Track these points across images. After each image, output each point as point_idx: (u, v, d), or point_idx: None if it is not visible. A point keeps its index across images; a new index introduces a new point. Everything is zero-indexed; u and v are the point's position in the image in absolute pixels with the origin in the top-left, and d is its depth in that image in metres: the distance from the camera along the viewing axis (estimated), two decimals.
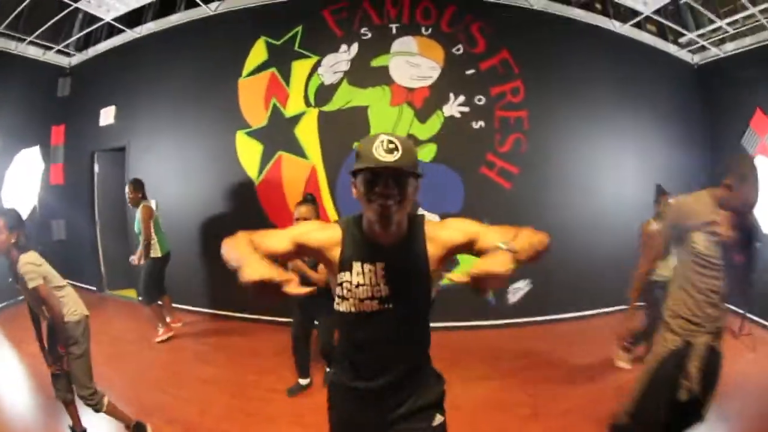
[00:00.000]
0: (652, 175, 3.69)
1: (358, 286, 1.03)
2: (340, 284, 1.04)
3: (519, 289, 3.51)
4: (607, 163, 3.81)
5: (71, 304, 1.93)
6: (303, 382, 2.61)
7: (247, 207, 3.53)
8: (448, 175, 3.39)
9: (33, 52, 4.46)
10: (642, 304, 2.58)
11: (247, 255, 0.89)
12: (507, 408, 2.32)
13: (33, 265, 1.80)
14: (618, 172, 3.84)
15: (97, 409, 1.96)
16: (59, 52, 4.62)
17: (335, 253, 1.04)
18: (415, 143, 3.45)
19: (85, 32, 4.45)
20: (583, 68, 3.76)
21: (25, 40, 4.23)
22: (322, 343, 2.52)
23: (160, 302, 3.38)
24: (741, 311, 3.26)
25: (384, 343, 1.07)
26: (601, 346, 3.10)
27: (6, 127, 4.26)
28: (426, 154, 3.38)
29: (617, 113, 3.85)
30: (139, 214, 3.18)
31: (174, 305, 3.61)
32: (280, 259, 0.95)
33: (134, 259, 3.26)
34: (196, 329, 3.52)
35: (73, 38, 4.61)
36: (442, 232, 1.05)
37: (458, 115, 3.45)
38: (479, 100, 3.46)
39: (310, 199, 2.59)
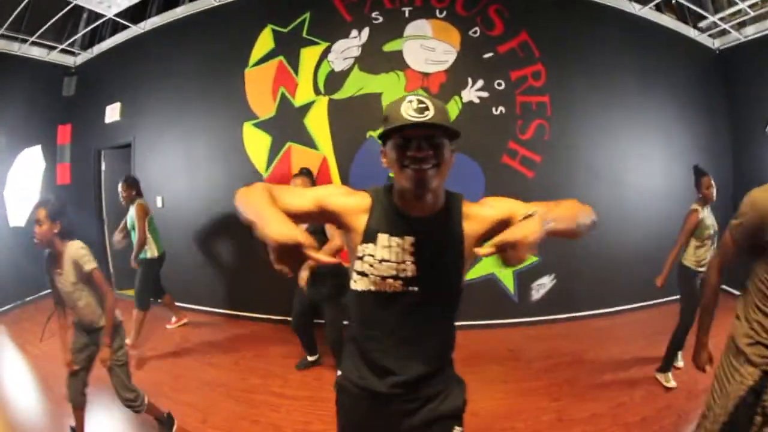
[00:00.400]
0: (679, 164, 3.56)
1: (381, 261, 0.90)
2: (361, 258, 0.92)
3: (542, 285, 3.34)
4: (631, 151, 3.63)
5: (87, 308, 1.88)
6: (311, 358, 2.63)
7: None
8: (468, 165, 3.22)
9: (37, 52, 4.44)
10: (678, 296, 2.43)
11: (269, 209, 0.79)
12: (529, 413, 2.16)
13: (85, 250, 1.77)
14: (644, 162, 3.67)
15: (139, 411, 1.92)
16: (64, 51, 4.60)
17: (360, 221, 0.93)
18: None
19: (89, 29, 4.43)
20: (603, 52, 3.58)
21: (27, 41, 4.23)
22: (331, 340, 2.42)
23: (160, 300, 3.31)
24: None
25: (403, 332, 0.93)
26: (629, 344, 2.94)
27: (12, 128, 4.25)
28: None
29: (641, 100, 3.67)
30: (133, 211, 3.04)
31: (178, 303, 3.53)
32: (296, 221, 0.80)
33: (131, 261, 3.10)
34: (201, 329, 3.43)
35: (77, 36, 4.60)
36: (480, 209, 0.96)
37: (477, 101, 3.28)
38: (499, 84, 3.29)
39: (306, 172, 2.58)
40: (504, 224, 0.88)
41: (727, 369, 1.18)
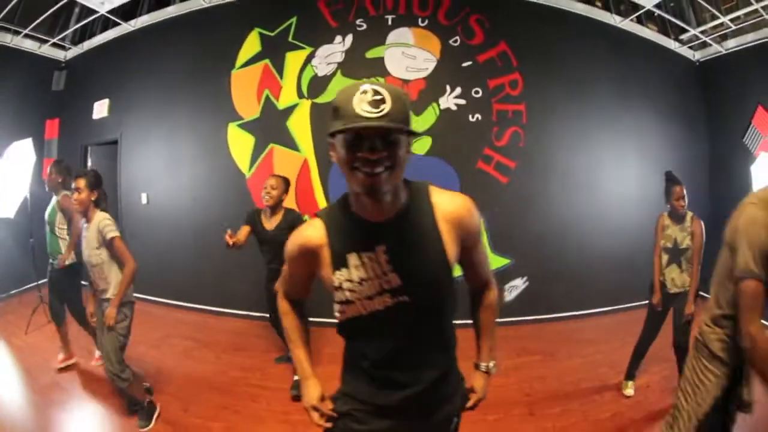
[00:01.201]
0: (654, 172, 3.77)
1: (361, 282, 0.85)
2: (340, 287, 0.86)
3: (515, 287, 3.56)
4: (607, 159, 3.84)
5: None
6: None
7: (238, 201, 3.58)
8: (444, 169, 3.43)
9: (29, 45, 4.58)
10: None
11: (301, 363, 1.06)
12: (502, 408, 2.34)
13: (110, 221, 2.05)
14: (619, 169, 3.87)
15: (121, 388, 2.11)
16: (55, 45, 4.76)
17: (324, 253, 0.88)
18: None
19: (81, 24, 4.60)
20: (583, 62, 3.80)
21: (20, 32, 4.41)
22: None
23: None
24: None
25: (406, 344, 0.89)
26: (599, 346, 3.15)
27: (1, 120, 4.39)
28: (421, 147, 3.43)
29: (618, 109, 3.88)
30: (57, 202, 2.75)
31: (162, 300, 3.71)
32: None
33: (60, 259, 2.72)
34: (184, 325, 3.61)
35: (69, 31, 4.77)
36: (462, 218, 0.89)
37: (454, 108, 3.50)
38: (476, 92, 3.51)
39: (279, 177, 2.65)
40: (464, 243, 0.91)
41: (700, 372, 1.28)
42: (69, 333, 2.81)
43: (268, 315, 2.78)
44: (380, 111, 0.73)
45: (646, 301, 2.42)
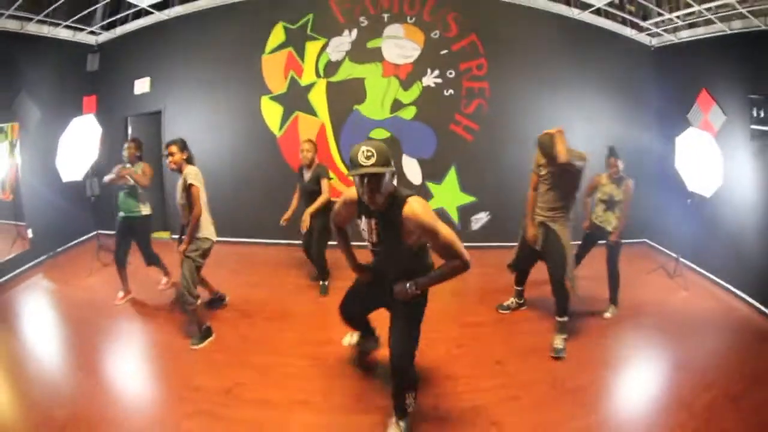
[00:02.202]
0: (599, 135, 4.83)
1: (362, 230, 1.96)
2: (359, 227, 1.98)
3: (479, 219, 5.00)
4: (554, 121, 5.06)
5: (207, 226, 3.00)
6: (325, 283, 3.92)
7: (271, 154, 4.94)
8: (425, 130, 4.87)
9: (64, 34, 5.43)
10: None
11: (350, 256, 2.22)
12: (462, 295, 3.80)
13: (196, 173, 2.90)
14: (568, 133, 5.25)
15: (185, 310, 2.97)
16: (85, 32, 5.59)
17: (354, 209, 1.95)
18: (400, 106, 4.89)
19: (120, 16, 5.69)
20: (540, 49, 4.97)
21: (59, 24, 5.20)
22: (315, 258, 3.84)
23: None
24: (672, 255, 4.52)
25: (382, 263, 2.07)
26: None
27: (43, 101, 5.24)
28: (408, 113, 4.85)
29: (569, 86, 5.01)
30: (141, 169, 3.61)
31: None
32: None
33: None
34: (228, 254, 4.86)
35: (106, 21, 5.82)
36: (414, 218, 1.76)
37: (433, 85, 4.88)
38: (450, 73, 4.89)
39: (312, 140, 3.82)
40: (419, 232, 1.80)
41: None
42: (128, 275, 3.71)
43: (303, 247, 3.93)
44: (370, 162, 1.65)
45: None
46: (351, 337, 2.72)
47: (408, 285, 1.92)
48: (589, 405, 2.46)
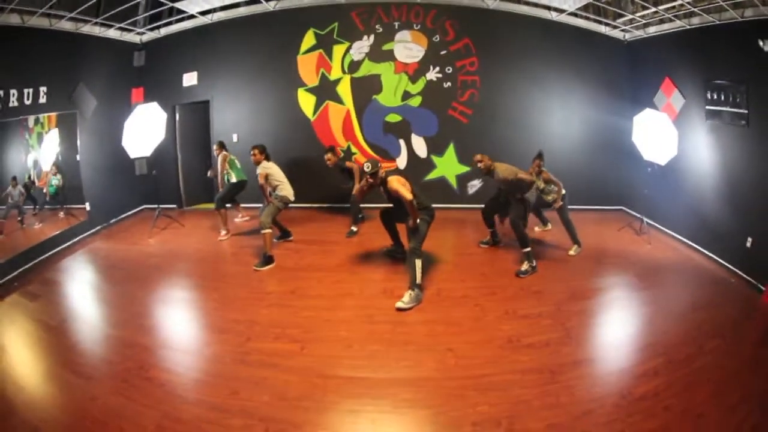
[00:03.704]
0: (574, 117, 6.44)
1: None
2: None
3: (474, 185, 6.60)
4: (535, 109, 6.51)
5: (286, 189, 4.80)
6: (354, 228, 5.57)
7: (306, 135, 6.54)
8: (428, 115, 6.48)
9: (113, 34, 6.39)
10: None
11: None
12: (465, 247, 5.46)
13: (263, 167, 4.75)
14: (543, 115, 6.53)
15: (261, 232, 4.56)
16: (127, 31, 6.45)
17: (376, 186, 4.08)
18: (409, 96, 6.50)
19: (174, 18, 7.09)
20: (524, 47, 6.41)
21: (111, 26, 6.20)
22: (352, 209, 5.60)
23: (229, 205, 5.80)
24: (639, 217, 5.69)
25: (393, 210, 4.31)
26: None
27: (98, 92, 6.26)
28: (415, 101, 6.45)
29: (547, 77, 6.46)
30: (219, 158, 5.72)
31: (248, 205, 6.58)
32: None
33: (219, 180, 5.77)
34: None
35: (161, 23, 7.20)
36: (389, 184, 3.90)
37: (435, 79, 6.45)
38: (448, 70, 6.44)
39: (330, 148, 5.55)
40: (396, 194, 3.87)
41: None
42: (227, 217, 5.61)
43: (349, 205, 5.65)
44: (368, 170, 3.91)
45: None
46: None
47: (408, 221, 3.90)
48: (546, 300, 3.90)
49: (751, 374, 2.87)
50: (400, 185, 3.85)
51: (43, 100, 5.27)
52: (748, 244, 4.39)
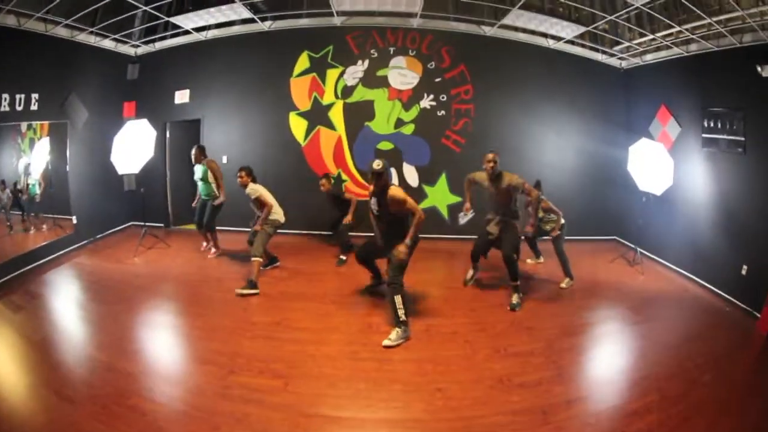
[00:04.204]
0: (568, 146, 6.53)
1: (371, 205, 3.82)
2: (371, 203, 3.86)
3: (465, 216, 6.62)
4: (530, 138, 6.57)
5: (277, 212, 4.75)
6: (343, 257, 5.51)
7: (296, 160, 6.51)
8: (421, 143, 6.49)
9: (108, 44, 6.38)
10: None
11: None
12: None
13: (254, 188, 4.65)
14: (539, 145, 6.60)
15: (253, 260, 4.53)
16: (122, 43, 6.51)
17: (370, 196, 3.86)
18: (402, 124, 6.49)
19: (166, 35, 7.12)
20: (520, 75, 6.52)
21: (107, 36, 6.23)
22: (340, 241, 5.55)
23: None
24: (633, 247, 5.76)
25: (378, 229, 3.92)
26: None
27: (89, 103, 6.19)
28: (408, 129, 6.47)
29: (542, 105, 6.50)
30: (207, 166, 5.47)
31: (235, 228, 6.56)
32: None
33: (216, 199, 5.52)
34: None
35: (156, 36, 7.25)
36: (390, 195, 3.64)
37: (429, 107, 6.50)
38: (442, 97, 6.49)
39: (325, 176, 5.57)
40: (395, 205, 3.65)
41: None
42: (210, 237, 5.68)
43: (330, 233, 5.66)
44: (377, 168, 3.62)
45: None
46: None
47: (401, 249, 3.67)
48: (537, 336, 3.87)
49: (747, 405, 2.89)
50: (406, 195, 3.70)
51: (34, 107, 5.28)
52: (744, 272, 4.45)
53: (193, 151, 5.56)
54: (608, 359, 3.71)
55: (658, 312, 4.49)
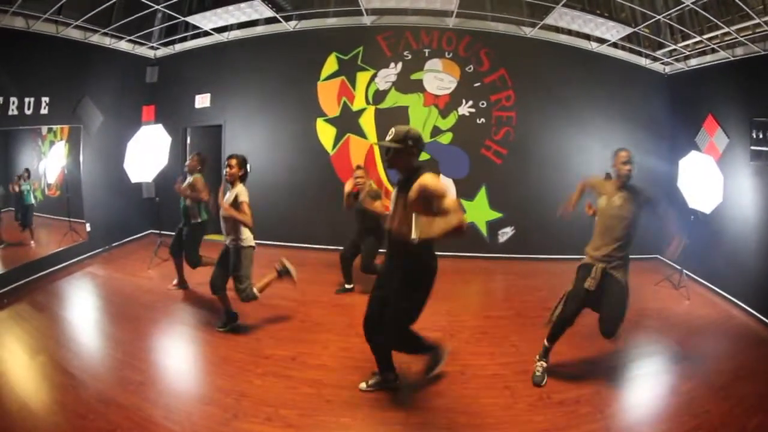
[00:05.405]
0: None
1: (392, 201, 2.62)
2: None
3: (505, 233, 6.25)
4: (573, 149, 6.21)
5: (249, 237, 3.67)
6: (348, 286, 4.98)
7: (324, 170, 6.21)
8: (460, 153, 6.10)
9: (125, 46, 6.35)
10: None
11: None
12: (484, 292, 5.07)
13: (243, 191, 3.50)
14: (582, 155, 6.19)
15: (246, 298, 3.75)
16: (140, 44, 6.47)
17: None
18: (438, 132, 6.15)
19: (186, 35, 6.96)
20: (563, 80, 6.10)
21: (122, 38, 6.15)
22: (365, 264, 4.62)
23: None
24: (679, 268, 5.31)
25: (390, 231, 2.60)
26: (539, 279, 5.80)
27: (105, 107, 6.12)
28: (445, 138, 6.09)
29: (587, 113, 6.16)
30: (193, 179, 4.56)
31: (261, 242, 6.32)
32: None
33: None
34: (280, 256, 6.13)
35: (177, 37, 7.07)
36: (422, 187, 2.33)
37: (467, 114, 6.12)
38: (482, 104, 6.10)
39: (362, 166, 4.97)
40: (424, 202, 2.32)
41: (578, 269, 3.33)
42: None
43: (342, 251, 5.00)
44: (389, 139, 2.46)
45: None
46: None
47: (413, 237, 2.41)
48: (584, 379, 3.50)
49: None
50: (443, 186, 2.40)
51: (44, 111, 5.20)
52: None
53: (191, 157, 4.76)
54: (656, 406, 3.36)
55: (706, 345, 4.20)
